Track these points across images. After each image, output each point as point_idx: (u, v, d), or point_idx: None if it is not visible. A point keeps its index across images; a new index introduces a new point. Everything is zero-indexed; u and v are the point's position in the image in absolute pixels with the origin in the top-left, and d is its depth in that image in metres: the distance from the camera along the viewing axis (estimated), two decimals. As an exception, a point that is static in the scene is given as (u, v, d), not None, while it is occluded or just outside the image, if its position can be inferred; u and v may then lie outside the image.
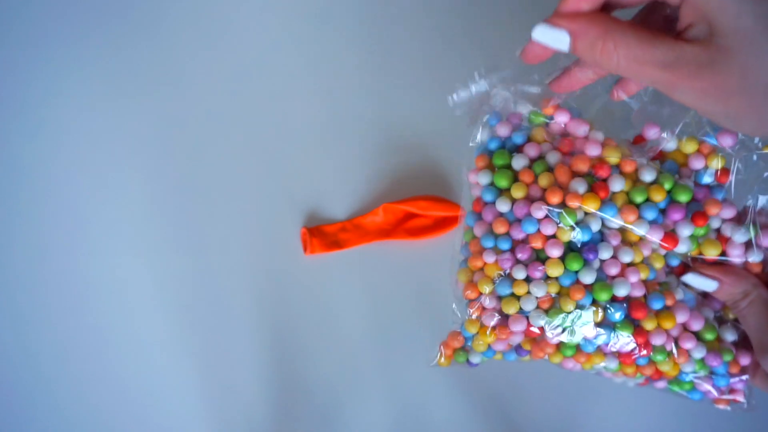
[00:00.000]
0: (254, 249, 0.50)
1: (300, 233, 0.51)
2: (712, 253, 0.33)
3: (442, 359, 0.37)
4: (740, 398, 0.35)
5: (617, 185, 0.33)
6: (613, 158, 0.33)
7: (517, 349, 0.35)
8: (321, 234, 0.50)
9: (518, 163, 0.34)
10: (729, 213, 0.33)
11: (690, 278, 0.34)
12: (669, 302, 0.33)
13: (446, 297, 0.50)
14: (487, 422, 0.48)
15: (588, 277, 0.32)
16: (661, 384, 0.36)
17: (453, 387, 0.48)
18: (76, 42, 0.54)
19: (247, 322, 0.49)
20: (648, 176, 0.33)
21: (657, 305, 0.33)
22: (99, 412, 0.47)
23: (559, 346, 0.34)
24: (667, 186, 0.33)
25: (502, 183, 0.34)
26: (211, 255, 0.50)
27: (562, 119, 0.34)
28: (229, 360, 0.48)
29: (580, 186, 0.32)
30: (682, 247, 0.33)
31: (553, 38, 0.28)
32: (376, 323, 0.49)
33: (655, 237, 0.33)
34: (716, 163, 0.33)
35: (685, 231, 0.33)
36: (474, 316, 0.34)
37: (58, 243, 0.50)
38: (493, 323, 0.34)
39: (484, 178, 0.35)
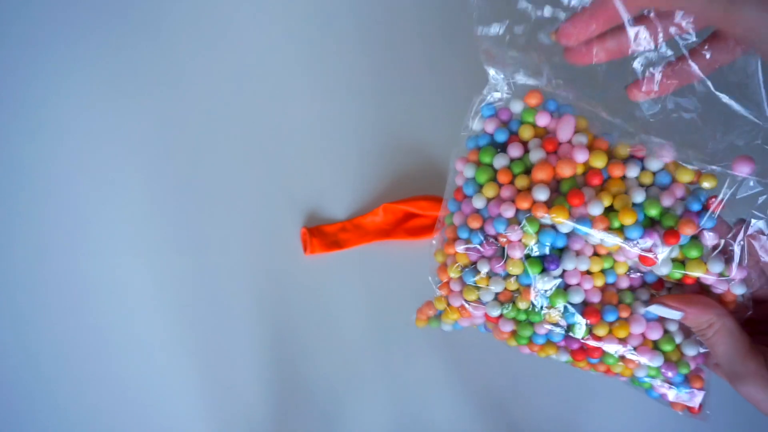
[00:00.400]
0: (254, 249, 0.50)
1: (300, 233, 0.51)
2: (697, 272, 0.33)
3: (419, 321, 0.39)
4: (695, 408, 0.35)
5: (595, 209, 0.32)
6: (598, 162, 0.33)
7: (484, 325, 0.38)
8: (321, 234, 0.50)
9: (498, 162, 0.34)
10: (712, 240, 0.33)
11: (654, 309, 0.33)
12: (623, 315, 0.33)
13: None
14: (488, 422, 0.48)
15: (545, 284, 0.33)
16: (622, 378, 0.36)
17: (453, 387, 0.48)
18: (76, 42, 0.54)
19: (247, 323, 0.49)
20: (638, 198, 0.33)
21: (610, 317, 0.33)
22: (99, 412, 0.47)
23: (514, 334, 0.36)
24: (654, 212, 0.32)
25: (482, 179, 0.35)
26: (211, 255, 0.50)
27: (542, 122, 0.34)
28: (229, 360, 0.48)
29: (542, 194, 0.32)
30: (663, 270, 0.33)
31: None
32: (376, 323, 0.49)
33: (632, 253, 0.33)
34: (707, 185, 0.33)
35: (661, 253, 0.32)
36: (442, 296, 0.37)
37: (58, 243, 0.50)
38: (458, 305, 0.36)
39: (468, 171, 0.36)
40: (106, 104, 0.53)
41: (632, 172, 0.33)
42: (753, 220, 0.32)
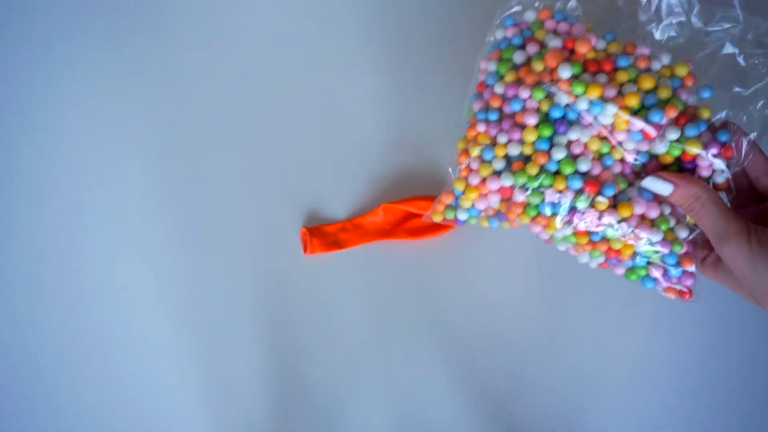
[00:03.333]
0: (254, 249, 0.50)
1: (300, 233, 0.51)
2: (695, 148, 0.37)
3: (436, 214, 0.43)
4: (687, 292, 0.39)
5: (622, 75, 0.37)
6: (615, 48, 0.38)
7: (498, 214, 0.41)
8: (321, 234, 0.50)
9: (518, 57, 0.40)
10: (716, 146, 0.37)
11: (648, 182, 0.37)
12: (620, 191, 0.38)
13: (445, 297, 0.50)
14: (487, 422, 0.48)
15: (558, 154, 0.38)
16: (619, 270, 0.41)
17: (453, 387, 0.48)
18: (75, 41, 0.54)
19: (247, 322, 0.49)
20: (664, 92, 0.38)
21: (609, 192, 0.37)
22: (99, 412, 0.47)
23: (525, 209, 0.40)
24: (665, 95, 0.37)
25: (502, 70, 0.41)
26: (211, 255, 0.50)
27: (550, 25, 0.40)
28: (229, 360, 0.48)
29: (566, 71, 0.37)
30: (661, 148, 0.37)
31: None
32: (376, 323, 0.49)
33: (638, 126, 0.37)
34: (683, 72, 0.38)
35: (671, 134, 0.37)
36: (462, 176, 0.41)
37: (58, 243, 0.50)
38: (476, 182, 0.40)
39: (491, 66, 0.42)
40: (106, 104, 0.53)
41: (656, 65, 0.38)
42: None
